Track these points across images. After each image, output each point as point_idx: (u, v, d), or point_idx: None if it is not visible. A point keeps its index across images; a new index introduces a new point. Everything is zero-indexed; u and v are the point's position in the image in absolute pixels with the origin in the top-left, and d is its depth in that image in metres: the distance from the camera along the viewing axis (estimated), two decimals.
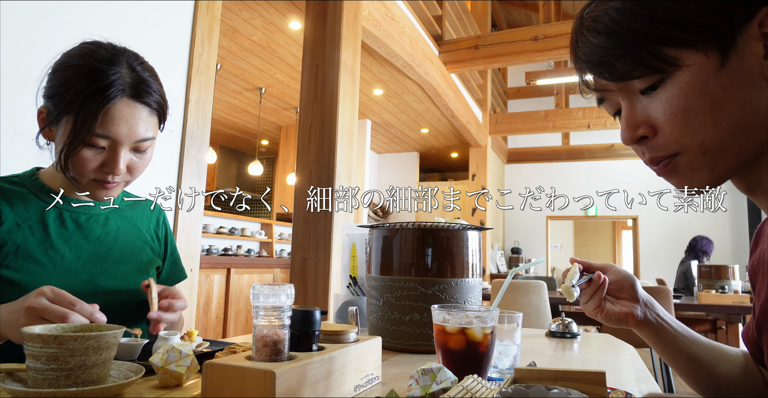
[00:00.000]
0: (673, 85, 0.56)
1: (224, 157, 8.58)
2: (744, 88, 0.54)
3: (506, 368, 0.88)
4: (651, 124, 0.59)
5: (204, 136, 2.04)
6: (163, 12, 1.85)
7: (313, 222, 2.62)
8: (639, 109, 0.60)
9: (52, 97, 0.90)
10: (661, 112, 0.57)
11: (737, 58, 0.54)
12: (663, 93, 0.57)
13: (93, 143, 0.89)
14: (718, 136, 0.55)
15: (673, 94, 0.56)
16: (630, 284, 0.82)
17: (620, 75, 0.58)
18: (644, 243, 8.47)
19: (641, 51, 0.56)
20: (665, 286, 3.59)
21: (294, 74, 5.21)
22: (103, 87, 0.87)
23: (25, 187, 0.96)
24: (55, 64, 0.93)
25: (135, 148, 0.93)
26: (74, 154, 0.88)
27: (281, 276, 5.52)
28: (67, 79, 0.88)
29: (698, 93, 0.55)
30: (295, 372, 0.60)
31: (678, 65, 0.55)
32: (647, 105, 0.59)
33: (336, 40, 2.74)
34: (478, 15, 6.86)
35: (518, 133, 7.74)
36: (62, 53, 0.94)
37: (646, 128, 0.59)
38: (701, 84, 0.54)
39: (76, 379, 0.61)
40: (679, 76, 0.55)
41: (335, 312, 1.38)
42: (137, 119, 0.91)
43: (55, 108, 0.89)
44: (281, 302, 0.64)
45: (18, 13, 1.43)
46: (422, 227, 1.12)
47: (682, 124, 0.56)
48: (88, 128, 0.86)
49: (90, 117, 0.86)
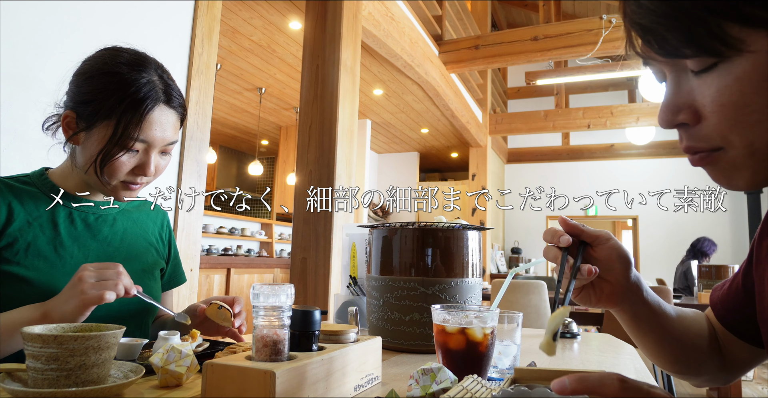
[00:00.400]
0: (729, 72, 0.46)
1: (224, 157, 8.58)
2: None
3: (506, 368, 0.88)
4: (695, 111, 0.50)
5: (204, 136, 2.04)
6: (163, 12, 1.85)
7: (313, 222, 2.62)
8: (685, 89, 0.50)
9: (87, 104, 0.92)
10: (710, 100, 0.48)
11: None
12: (715, 79, 0.47)
13: (131, 147, 0.93)
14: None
15: (727, 84, 0.46)
16: (623, 265, 0.71)
17: (668, 50, 0.48)
18: (644, 243, 8.47)
19: (697, 25, 0.45)
20: (665, 286, 3.59)
21: (294, 74, 5.21)
22: (143, 95, 0.92)
23: (36, 186, 0.98)
24: (83, 70, 0.96)
25: (163, 150, 0.98)
26: (115, 159, 0.92)
27: (281, 276, 5.52)
28: (106, 86, 0.92)
29: (757, 87, 0.45)
30: (295, 372, 0.60)
31: (740, 49, 0.44)
32: (695, 87, 0.49)
33: (336, 40, 2.74)
34: (478, 15, 6.86)
35: (518, 133, 7.74)
36: (87, 59, 0.97)
37: (688, 114, 0.50)
38: (763, 76, 0.44)
39: (76, 379, 0.61)
40: (738, 63, 0.45)
41: (335, 312, 1.38)
42: (169, 124, 0.97)
43: (91, 114, 0.92)
44: (281, 302, 0.64)
45: (18, 13, 1.43)
46: (422, 227, 1.12)
47: (731, 119, 0.47)
48: (129, 134, 0.91)
49: (133, 123, 0.91)
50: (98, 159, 0.92)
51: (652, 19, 0.47)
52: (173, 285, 1.18)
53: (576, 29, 4.82)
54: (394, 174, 8.76)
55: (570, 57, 5.03)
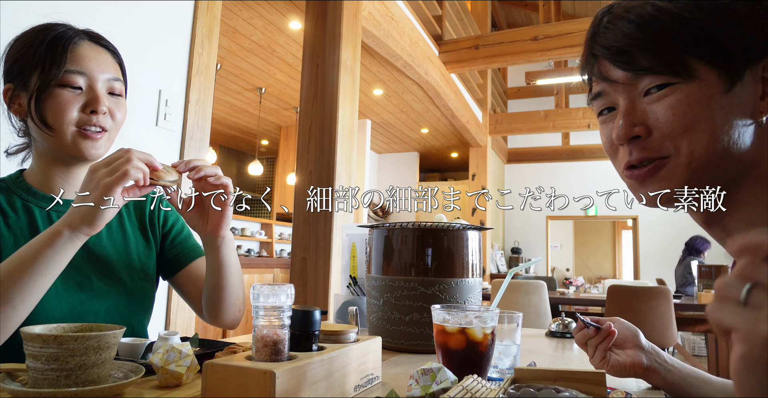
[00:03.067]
0: (681, 91, 0.58)
1: (224, 157, 8.58)
2: (738, 118, 0.57)
3: (506, 368, 0.88)
4: (648, 125, 0.60)
5: (204, 136, 2.04)
6: (162, 11, 1.85)
7: (313, 222, 2.62)
8: (639, 109, 0.61)
9: (14, 64, 0.91)
10: (663, 114, 0.59)
11: (740, 89, 0.57)
12: (669, 97, 0.58)
13: (67, 82, 0.89)
14: (708, 150, 0.58)
15: (680, 99, 0.58)
16: (633, 333, 0.83)
17: (637, 67, 0.59)
18: (644, 244, 8.47)
19: (667, 50, 0.58)
20: (665, 286, 3.59)
21: (294, 74, 5.21)
22: (59, 33, 0.91)
23: (11, 190, 0.94)
24: (9, 43, 0.95)
25: (110, 89, 0.94)
26: (47, 95, 0.88)
27: (281, 276, 5.52)
28: (28, 42, 0.91)
29: (703, 105, 0.57)
30: (295, 372, 0.60)
31: (693, 75, 0.57)
32: (647, 106, 0.60)
33: (336, 40, 2.74)
34: (478, 15, 6.85)
35: (518, 133, 7.74)
36: None
37: (642, 128, 0.61)
38: (707, 97, 0.57)
39: (76, 379, 0.61)
40: (690, 86, 0.58)
41: (335, 312, 1.38)
42: (104, 58, 0.94)
43: (19, 70, 0.90)
44: (281, 302, 0.64)
45: (18, 13, 1.43)
46: (422, 227, 1.12)
47: (682, 127, 0.58)
48: (58, 64, 0.88)
49: (57, 55, 0.89)
50: (34, 100, 0.87)
51: (628, 42, 0.59)
52: (193, 257, 1.10)
53: (576, 29, 4.81)
54: (394, 174, 8.76)
55: (570, 57, 5.03)
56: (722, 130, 0.57)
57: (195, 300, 1.07)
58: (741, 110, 0.57)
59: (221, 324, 1.05)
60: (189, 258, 1.09)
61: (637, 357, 0.80)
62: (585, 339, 0.84)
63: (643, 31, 0.59)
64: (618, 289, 3.63)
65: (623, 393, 0.70)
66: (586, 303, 4.40)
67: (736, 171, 0.59)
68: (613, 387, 0.75)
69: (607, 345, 0.82)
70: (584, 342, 0.84)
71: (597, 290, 6.07)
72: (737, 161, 0.58)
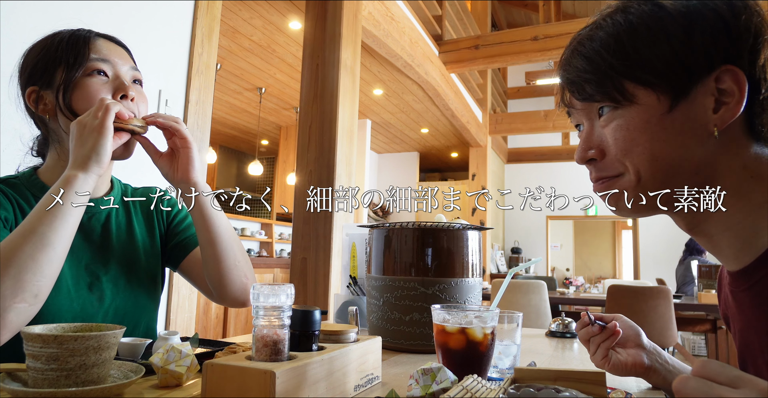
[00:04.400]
0: (621, 116, 0.63)
1: (224, 156, 8.58)
2: (684, 135, 0.60)
3: (506, 368, 0.88)
4: (602, 149, 0.66)
5: (204, 136, 2.04)
6: (163, 12, 1.85)
7: (313, 222, 2.62)
8: (596, 132, 0.67)
9: (36, 66, 0.94)
10: (609, 138, 0.65)
11: (686, 106, 0.60)
12: (613, 122, 0.64)
13: (94, 68, 0.92)
14: (653, 168, 0.62)
15: (620, 124, 0.63)
16: (636, 332, 0.83)
17: (584, 96, 0.66)
18: (644, 243, 8.47)
19: (606, 80, 0.63)
20: (665, 286, 3.59)
21: (294, 74, 5.21)
22: (76, 31, 0.95)
23: (26, 187, 0.95)
24: (24, 53, 0.98)
25: (133, 77, 0.97)
26: (76, 85, 0.91)
27: (281, 276, 5.52)
28: (43, 47, 0.94)
29: (641, 128, 0.62)
30: (295, 372, 0.60)
31: (631, 100, 0.62)
32: (601, 131, 0.66)
33: (336, 40, 2.74)
34: (478, 15, 6.85)
35: (518, 132, 7.74)
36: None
37: (597, 151, 0.66)
38: (645, 121, 0.61)
39: (76, 379, 0.61)
40: (630, 110, 0.62)
41: (335, 312, 1.38)
42: (121, 52, 0.98)
43: (42, 70, 0.93)
44: (281, 302, 0.64)
45: (17, 13, 1.43)
46: (422, 227, 1.12)
47: (624, 150, 0.63)
48: (84, 55, 0.91)
49: (81, 48, 0.92)
50: (62, 90, 0.90)
51: (577, 75, 0.66)
52: (197, 242, 1.07)
53: (576, 29, 4.71)
54: (394, 174, 8.76)
55: None
56: (668, 150, 0.60)
57: (204, 283, 1.05)
58: (690, 127, 0.60)
59: (230, 296, 1.00)
60: (193, 242, 1.10)
61: (639, 356, 0.81)
62: (588, 336, 0.84)
63: (589, 63, 0.64)
64: (618, 289, 3.63)
65: (623, 392, 0.70)
66: (586, 303, 4.41)
67: (697, 182, 0.61)
68: (614, 386, 0.75)
69: (610, 344, 0.82)
70: (587, 339, 0.84)
71: (597, 290, 6.07)
72: (694, 173, 0.61)
